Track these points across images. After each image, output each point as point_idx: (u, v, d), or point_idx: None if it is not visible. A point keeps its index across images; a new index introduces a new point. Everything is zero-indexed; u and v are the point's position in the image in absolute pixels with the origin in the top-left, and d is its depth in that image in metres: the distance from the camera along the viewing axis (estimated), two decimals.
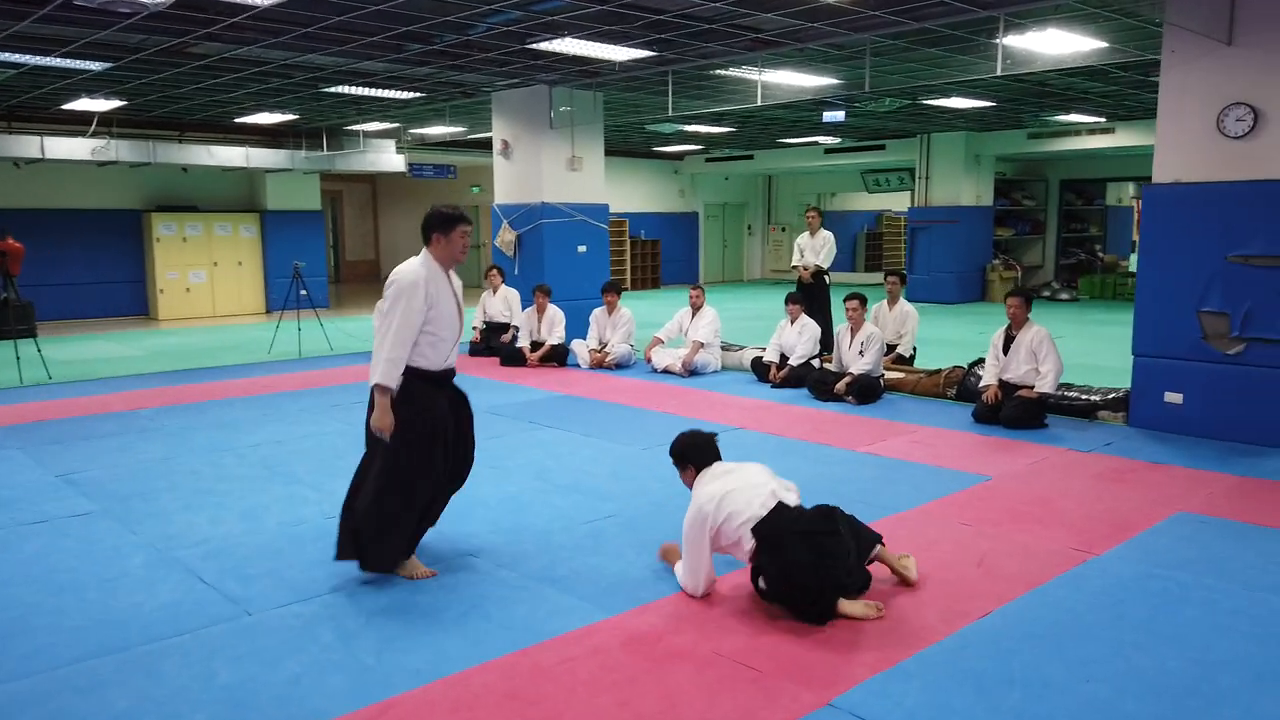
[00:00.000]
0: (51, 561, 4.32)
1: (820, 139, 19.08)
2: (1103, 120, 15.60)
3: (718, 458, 4.06)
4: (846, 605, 3.62)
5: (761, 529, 3.69)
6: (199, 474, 5.81)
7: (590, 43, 8.78)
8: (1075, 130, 16.31)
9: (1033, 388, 6.85)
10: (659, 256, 22.02)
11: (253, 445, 6.54)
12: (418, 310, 3.90)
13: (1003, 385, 7.04)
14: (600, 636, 3.50)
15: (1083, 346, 10.99)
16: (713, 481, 3.91)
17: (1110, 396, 7.11)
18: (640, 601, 3.82)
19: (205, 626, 3.60)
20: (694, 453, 4.07)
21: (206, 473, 5.83)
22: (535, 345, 10.13)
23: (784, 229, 24.61)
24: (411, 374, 3.95)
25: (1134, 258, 23.82)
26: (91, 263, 15.51)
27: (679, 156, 22.36)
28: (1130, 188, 23.22)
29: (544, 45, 8.90)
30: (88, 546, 4.51)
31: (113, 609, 3.77)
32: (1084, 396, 7.20)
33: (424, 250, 4.09)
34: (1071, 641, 3.39)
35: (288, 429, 7.05)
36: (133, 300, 16.04)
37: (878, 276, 23.12)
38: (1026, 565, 4.14)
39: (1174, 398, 6.61)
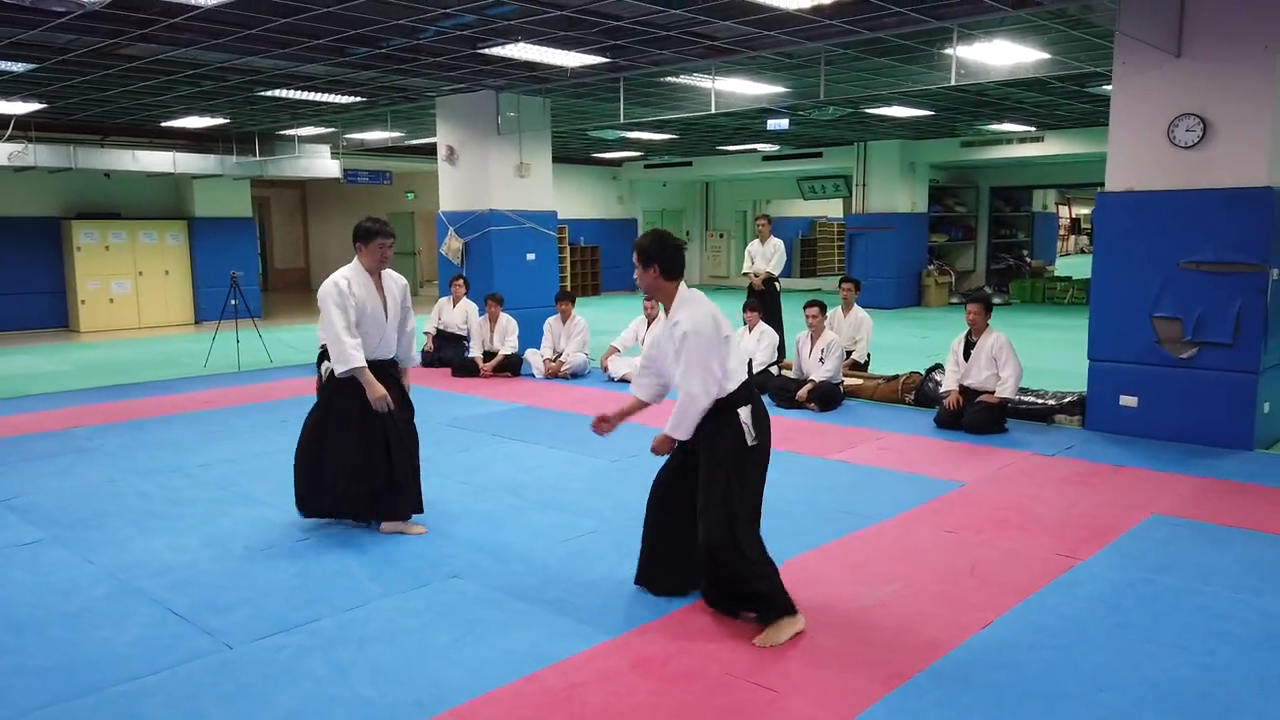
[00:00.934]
0: (4, 595, 4.04)
1: (759, 146, 19.22)
2: (1033, 129, 16.04)
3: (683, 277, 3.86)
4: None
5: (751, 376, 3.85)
6: (149, 497, 5.52)
7: (543, 48, 8.65)
8: (1007, 139, 16.73)
9: (993, 393, 6.95)
10: (599, 263, 21.93)
11: (203, 465, 6.25)
12: (345, 306, 4.57)
13: (963, 390, 7.12)
14: (606, 659, 3.39)
15: (1024, 350, 11.13)
16: (709, 307, 3.77)
17: (1066, 400, 7.25)
18: (639, 620, 3.72)
19: (184, 662, 3.39)
20: (671, 256, 3.76)
21: (157, 495, 5.55)
22: (488, 355, 9.95)
23: (722, 235, 24.75)
24: None
25: (1059, 262, 24.59)
26: (7, 273, 14.78)
27: (617, 163, 22.31)
28: (1053, 194, 23.94)
29: (496, 50, 8.74)
30: (42, 578, 4.23)
31: (81, 646, 3.53)
32: (1040, 400, 7.33)
33: (355, 257, 4.77)
34: (1079, 651, 3.40)
35: (238, 447, 6.77)
36: (52, 312, 15.33)
37: (813, 283, 23.40)
38: (1017, 573, 4.16)
39: (1129, 401, 6.77)
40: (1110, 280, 6.82)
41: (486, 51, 8.83)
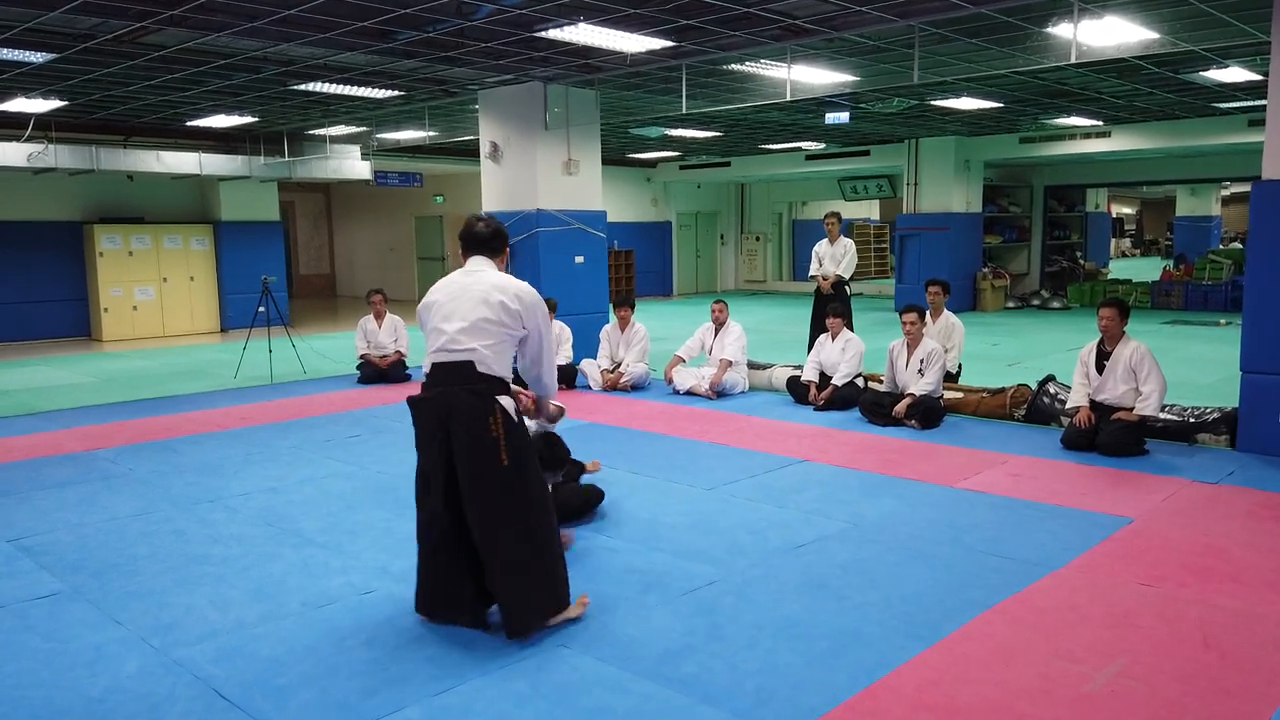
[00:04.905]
0: (16, 669, 3.29)
1: (804, 145, 18.41)
2: (1100, 124, 15.17)
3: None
4: None
5: None
6: (186, 535, 4.78)
7: (605, 29, 7.89)
8: (1070, 134, 15.85)
9: (1132, 409, 6.12)
10: (633, 268, 21.15)
11: (243, 495, 5.51)
12: None
13: (1094, 406, 6.30)
14: None
15: None
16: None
17: (1208, 417, 6.41)
18: (811, 711, 2.93)
19: None
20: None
21: (195, 533, 4.80)
22: None
23: (758, 239, 23.94)
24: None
25: (1113, 265, 23.64)
26: (27, 280, 14.15)
27: (652, 164, 21.54)
28: (1104, 193, 23.01)
29: (553, 33, 8.00)
30: (61, 645, 3.48)
31: None
32: (1180, 418, 6.49)
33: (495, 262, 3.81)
34: None
35: (281, 472, 6.02)
36: (74, 320, 14.69)
37: (850, 287, 22.45)
38: (1264, 645, 3.34)
39: None
40: (1269, 280, 5.97)
41: (542, 35, 8.08)
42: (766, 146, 18.61)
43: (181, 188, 15.61)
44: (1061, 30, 7.94)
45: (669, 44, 8.47)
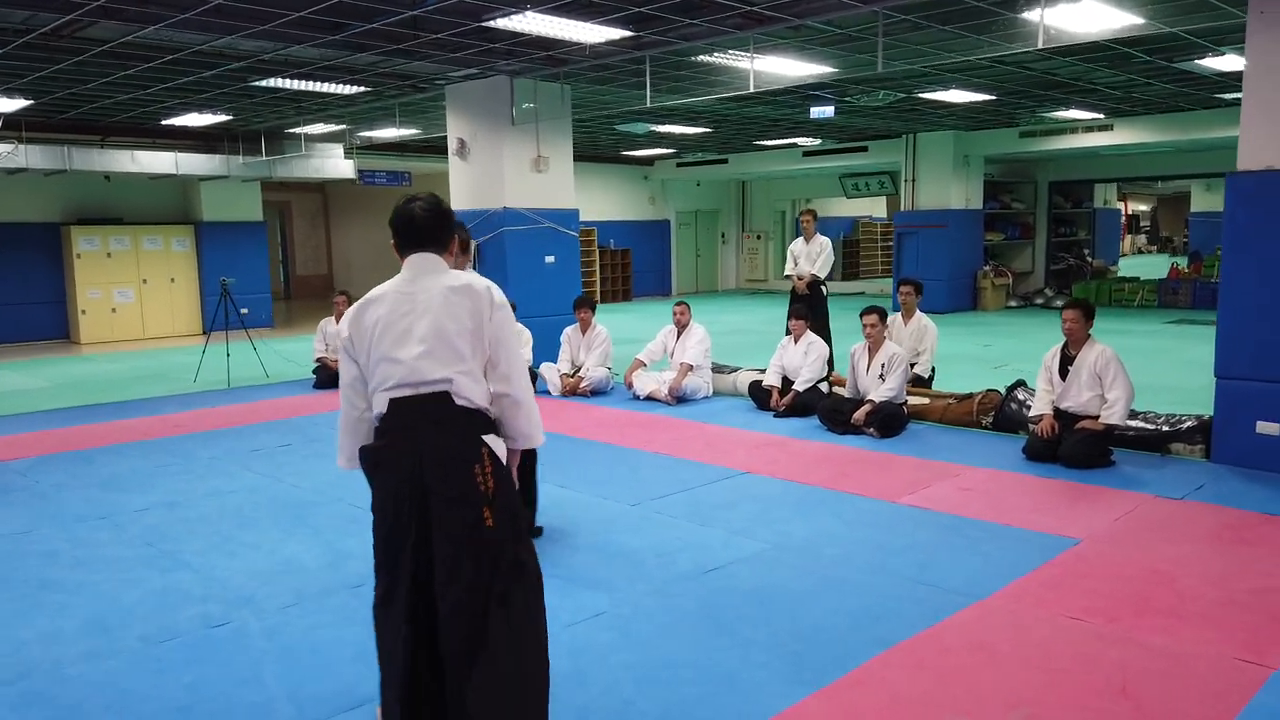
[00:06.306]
0: None
1: (800, 141, 17.97)
2: (1101, 117, 14.65)
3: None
4: None
5: None
6: (56, 557, 4.46)
7: (556, 19, 7.53)
8: (1071, 128, 15.33)
9: (1097, 418, 5.69)
10: (630, 267, 20.80)
11: (138, 511, 5.19)
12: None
13: (1058, 414, 5.88)
14: None
15: None
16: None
17: (1183, 426, 5.97)
18: None
19: None
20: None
21: (66, 555, 4.49)
22: None
23: (759, 237, 23.52)
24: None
25: (1124, 262, 23.05)
26: (4, 282, 13.96)
27: (649, 161, 21.16)
28: (1114, 189, 22.42)
29: (502, 23, 7.65)
30: None
31: None
32: (1151, 426, 6.06)
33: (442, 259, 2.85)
34: None
35: (188, 485, 5.70)
36: (52, 323, 14.50)
37: (856, 285, 22.09)
38: (1187, 693, 2.94)
39: (1268, 428, 5.48)
40: (1245, 280, 5.53)
41: (492, 25, 7.74)
42: (762, 143, 18.19)
43: (161, 188, 15.39)
44: (1032, 14, 7.51)
45: (628, 34, 8.08)
